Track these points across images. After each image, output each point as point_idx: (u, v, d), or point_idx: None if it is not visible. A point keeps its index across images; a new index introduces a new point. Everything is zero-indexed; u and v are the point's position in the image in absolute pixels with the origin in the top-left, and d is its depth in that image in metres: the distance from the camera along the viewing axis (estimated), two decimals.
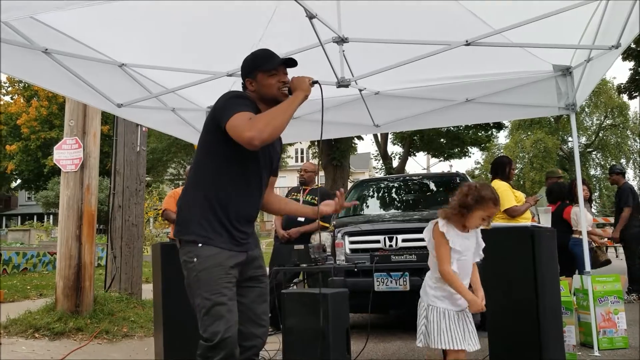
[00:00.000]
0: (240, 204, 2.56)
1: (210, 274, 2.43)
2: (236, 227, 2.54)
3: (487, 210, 2.75)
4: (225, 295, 2.41)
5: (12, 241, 24.07)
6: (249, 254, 2.61)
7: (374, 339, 5.36)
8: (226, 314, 2.39)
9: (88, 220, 5.80)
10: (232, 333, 2.38)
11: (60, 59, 3.87)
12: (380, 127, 5.69)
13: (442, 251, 2.74)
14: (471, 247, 2.83)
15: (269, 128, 2.34)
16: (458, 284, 2.71)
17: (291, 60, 2.71)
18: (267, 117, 2.40)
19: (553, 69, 4.76)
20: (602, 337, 4.72)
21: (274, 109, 2.46)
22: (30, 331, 5.12)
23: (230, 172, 2.54)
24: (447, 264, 2.72)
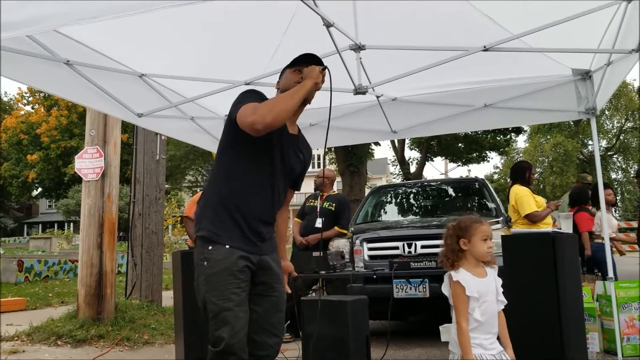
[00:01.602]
0: (253, 200, 2.53)
1: (219, 278, 2.41)
2: (250, 225, 2.51)
3: (479, 230, 2.65)
4: (232, 300, 2.39)
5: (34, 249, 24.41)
6: (263, 258, 2.56)
7: (393, 346, 5.33)
8: (232, 319, 2.37)
9: (109, 229, 5.87)
10: (237, 339, 2.36)
11: (82, 70, 3.93)
12: (397, 133, 5.67)
13: (457, 302, 2.63)
14: (492, 291, 2.68)
15: (272, 113, 2.33)
16: (465, 341, 2.57)
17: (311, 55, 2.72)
18: (271, 103, 2.40)
19: (572, 73, 4.72)
20: (626, 343, 4.65)
21: (280, 95, 2.49)
22: (52, 338, 5.18)
23: (244, 167, 2.54)
24: (462, 317, 2.60)
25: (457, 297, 2.63)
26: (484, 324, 2.63)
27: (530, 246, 3.69)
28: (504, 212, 6.23)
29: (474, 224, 2.69)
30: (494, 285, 2.70)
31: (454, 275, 2.65)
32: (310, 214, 6.32)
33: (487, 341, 2.63)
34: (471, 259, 2.68)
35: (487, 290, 2.66)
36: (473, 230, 2.67)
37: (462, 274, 2.65)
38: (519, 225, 5.41)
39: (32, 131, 36.68)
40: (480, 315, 2.61)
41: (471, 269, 2.67)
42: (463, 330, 2.58)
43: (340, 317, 3.44)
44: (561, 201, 6.51)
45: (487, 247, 2.65)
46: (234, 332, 2.36)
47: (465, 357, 2.56)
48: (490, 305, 2.66)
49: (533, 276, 3.58)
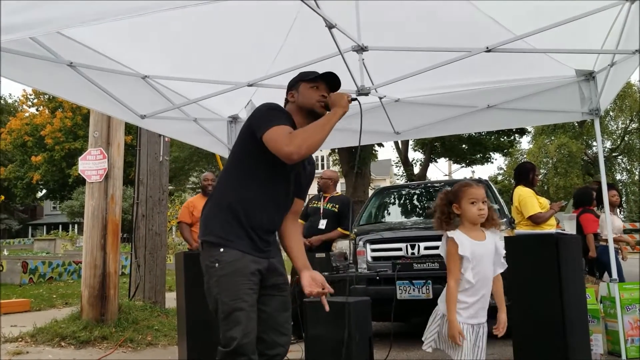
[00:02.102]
0: (264, 214, 2.58)
1: (231, 279, 2.45)
2: (258, 235, 2.55)
3: (469, 193, 2.70)
4: (245, 301, 2.42)
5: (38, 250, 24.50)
6: (271, 261, 2.62)
7: (396, 348, 5.32)
8: (244, 320, 2.40)
9: (112, 230, 5.88)
10: (249, 339, 2.39)
11: (85, 72, 3.95)
12: (400, 134, 5.67)
13: (450, 261, 2.69)
14: (488, 254, 2.72)
15: (307, 143, 2.38)
16: (450, 301, 2.64)
17: (333, 75, 2.72)
18: (306, 133, 2.43)
19: (576, 74, 4.71)
20: (630, 345, 4.63)
21: (313, 125, 2.48)
22: (56, 340, 5.19)
23: (258, 182, 2.57)
24: (452, 277, 2.66)
25: (450, 256, 2.69)
26: (475, 286, 2.66)
27: (534, 247, 3.68)
28: (508, 213, 6.22)
29: (462, 187, 2.75)
30: (493, 249, 2.73)
31: (450, 233, 2.71)
32: (313, 216, 6.31)
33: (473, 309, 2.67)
34: (466, 222, 2.73)
35: (483, 253, 2.69)
36: (461, 194, 2.73)
37: (457, 234, 2.70)
38: (522, 227, 5.39)
39: (36, 133, 36.79)
40: (472, 277, 2.65)
41: (468, 232, 2.71)
42: (451, 289, 2.65)
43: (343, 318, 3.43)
44: (565, 202, 6.49)
45: (478, 209, 2.68)
46: (246, 332, 2.39)
47: (449, 316, 2.63)
48: (484, 269, 2.69)
49: (536, 277, 3.57)
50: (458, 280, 2.66)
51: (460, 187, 2.76)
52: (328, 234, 6.06)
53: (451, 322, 2.63)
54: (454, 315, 2.63)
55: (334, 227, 6.13)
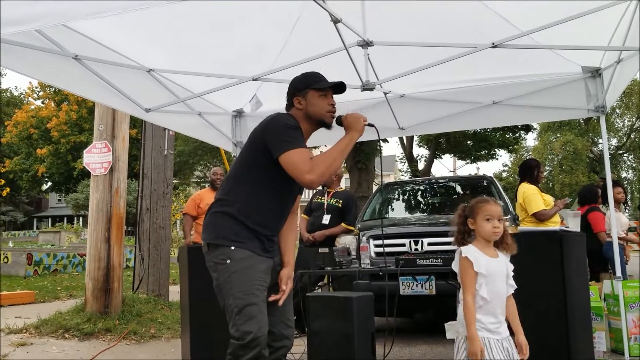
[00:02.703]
0: (271, 222, 2.67)
1: (243, 275, 2.50)
2: (266, 236, 2.64)
3: (485, 210, 2.67)
4: (257, 296, 2.48)
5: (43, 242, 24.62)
6: (275, 260, 2.71)
7: (399, 343, 5.33)
8: (258, 314, 2.45)
9: (117, 223, 5.90)
10: (263, 333, 2.44)
11: (90, 65, 3.95)
12: (405, 129, 5.65)
13: (464, 277, 2.64)
14: (501, 272, 2.68)
15: (328, 171, 2.48)
16: (470, 317, 2.57)
17: (342, 84, 2.75)
18: (328, 161, 2.49)
19: (582, 70, 4.68)
20: (633, 343, 4.63)
21: (332, 151, 2.53)
22: (60, 331, 5.22)
23: (267, 194, 2.62)
24: (469, 293, 2.61)
25: (465, 272, 2.64)
26: (490, 303, 2.62)
27: (538, 244, 3.67)
28: (512, 210, 6.21)
29: (478, 204, 2.72)
30: (505, 269, 2.69)
31: (464, 251, 2.67)
32: (317, 211, 6.32)
33: (493, 325, 2.62)
34: (480, 238, 2.69)
35: (496, 270, 2.65)
36: (477, 210, 2.69)
37: (471, 250, 2.66)
38: (526, 224, 5.38)
39: (42, 126, 36.87)
40: (486, 294, 2.61)
41: (481, 248, 2.68)
42: (469, 305, 2.58)
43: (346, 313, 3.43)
44: (569, 199, 6.47)
45: (492, 226, 2.64)
46: (261, 326, 2.44)
47: (470, 332, 2.55)
48: (498, 287, 2.65)
49: (540, 274, 3.56)
50: (474, 296, 2.60)
51: (477, 202, 2.72)
52: (331, 229, 6.06)
53: (472, 338, 2.54)
54: (474, 330, 2.55)
55: (337, 222, 6.13)
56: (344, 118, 2.65)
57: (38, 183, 42.52)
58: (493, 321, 2.63)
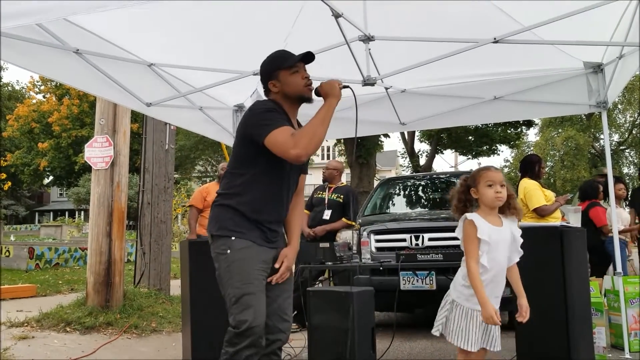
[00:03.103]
0: (271, 209, 2.65)
1: (242, 265, 2.53)
2: (268, 227, 2.64)
3: (486, 176, 2.67)
4: (256, 286, 2.51)
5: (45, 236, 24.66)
6: (279, 250, 2.69)
7: (399, 338, 5.35)
8: (255, 303, 2.48)
9: (118, 217, 5.90)
10: (259, 323, 2.47)
11: (91, 59, 3.95)
12: (406, 125, 5.66)
13: (468, 243, 2.64)
14: (504, 240, 2.67)
15: (313, 142, 2.45)
16: (477, 283, 2.56)
17: (309, 54, 2.72)
18: (310, 132, 2.47)
19: (584, 66, 4.68)
20: (633, 339, 4.63)
21: (313, 122, 2.51)
22: (62, 325, 5.23)
23: (263, 181, 2.63)
24: (472, 258, 2.59)
25: (468, 238, 2.63)
26: (490, 271, 2.62)
27: (538, 240, 3.67)
28: None
29: (480, 171, 2.73)
30: (509, 236, 2.69)
31: (469, 216, 2.66)
32: (318, 206, 6.32)
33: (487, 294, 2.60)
34: (484, 207, 2.69)
35: (499, 239, 2.64)
36: (479, 178, 2.70)
37: (475, 216, 2.66)
38: (527, 219, 5.37)
39: (43, 120, 36.88)
40: (487, 262, 2.61)
41: (485, 216, 2.67)
42: (472, 270, 2.57)
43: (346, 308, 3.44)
44: (570, 195, 6.47)
45: (495, 191, 2.64)
46: (257, 315, 2.47)
47: (480, 297, 2.53)
48: (499, 255, 2.65)
49: (540, 269, 3.56)
50: (478, 261, 2.59)
51: (478, 170, 2.75)
52: (332, 224, 6.07)
53: (483, 303, 2.52)
54: (483, 295, 2.53)
55: (338, 217, 6.14)
56: (320, 87, 2.64)
57: (39, 177, 42.58)
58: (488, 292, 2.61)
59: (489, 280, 2.64)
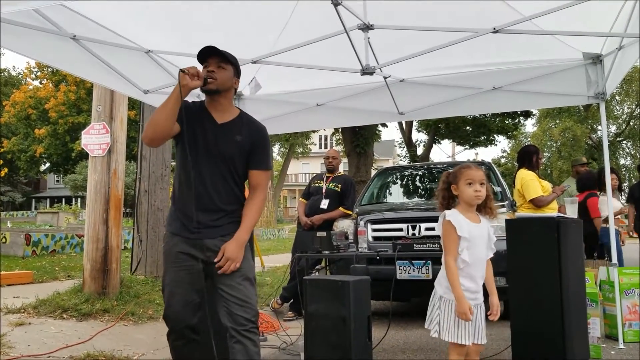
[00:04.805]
0: (185, 196, 2.74)
1: (164, 257, 2.84)
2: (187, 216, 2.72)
3: (466, 174, 2.74)
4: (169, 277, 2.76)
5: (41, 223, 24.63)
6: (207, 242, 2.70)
7: (395, 327, 5.38)
8: (167, 294, 2.77)
9: (115, 204, 5.90)
10: (170, 312, 2.76)
11: (88, 46, 3.92)
12: (404, 114, 5.64)
13: (447, 241, 2.72)
14: (482, 236, 2.76)
15: (148, 127, 2.63)
16: (454, 278, 2.66)
17: (208, 49, 2.82)
18: (150, 118, 2.65)
19: (583, 57, 4.66)
20: (627, 329, 4.67)
21: (158, 108, 2.69)
22: (58, 312, 5.24)
23: (179, 170, 2.78)
24: (450, 254, 2.69)
25: (448, 236, 2.72)
26: (471, 266, 2.70)
27: (534, 230, 3.68)
28: (510, 196, 6.22)
29: (460, 169, 2.79)
30: (487, 233, 2.77)
31: (447, 215, 2.75)
32: (315, 195, 6.33)
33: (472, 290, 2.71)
34: (463, 204, 2.77)
35: (478, 235, 2.73)
36: (459, 175, 2.78)
37: (454, 214, 2.74)
38: (524, 210, 5.40)
39: (40, 106, 36.76)
40: (468, 257, 2.69)
41: (464, 212, 2.76)
42: (451, 268, 2.67)
43: (343, 297, 3.45)
44: (567, 186, 6.49)
45: (474, 190, 2.71)
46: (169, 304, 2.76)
47: (456, 293, 2.64)
48: (479, 250, 2.73)
49: (536, 260, 3.57)
50: (456, 259, 2.69)
51: (459, 168, 2.81)
52: (330, 213, 6.08)
53: (459, 298, 2.63)
54: (459, 291, 2.63)
55: (336, 206, 6.14)
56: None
57: (36, 164, 42.51)
58: (472, 286, 2.71)
59: (471, 274, 2.69)
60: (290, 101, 5.59)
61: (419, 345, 4.72)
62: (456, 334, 2.68)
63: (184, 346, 2.84)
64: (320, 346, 3.47)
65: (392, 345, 4.70)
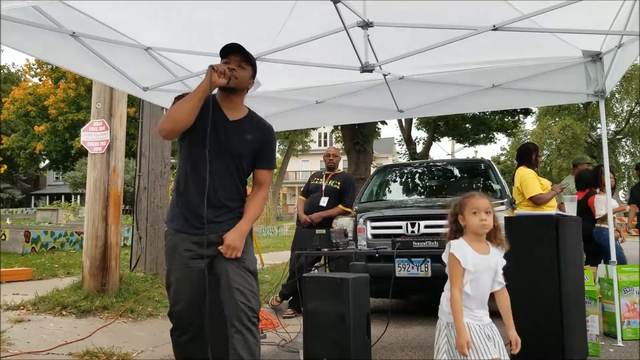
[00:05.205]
0: (192, 193, 2.74)
1: (167, 255, 2.85)
2: (193, 213, 2.72)
3: (470, 204, 2.68)
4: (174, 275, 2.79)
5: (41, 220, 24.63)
6: (212, 237, 2.71)
7: (394, 324, 5.38)
8: (172, 292, 2.81)
9: (114, 202, 5.89)
10: (178, 307, 2.80)
11: (88, 43, 3.92)
12: (404, 112, 5.65)
13: (451, 272, 2.67)
14: (489, 268, 2.69)
15: (167, 119, 2.63)
16: (457, 310, 2.59)
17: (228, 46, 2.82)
18: (169, 111, 2.64)
19: (582, 54, 4.66)
20: (626, 327, 4.67)
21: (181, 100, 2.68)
22: (58, 308, 5.23)
23: (185, 160, 2.78)
24: (455, 287, 2.62)
25: (452, 267, 2.67)
26: (473, 299, 2.65)
27: (533, 228, 3.69)
28: (509, 194, 6.22)
29: (465, 199, 2.74)
30: (494, 265, 2.71)
31: (452, 246, 2.69)
32: (315, 192, 6.33)
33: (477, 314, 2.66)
34: (470, 233, 2.71)
35: (484, 267, 2.67)
36: (464, 205, 2.72)
37: (460, 245, 2.68)
38: (523, 207, 5.40)
39: (39, 103, 36.70)
40: (470, 290, 2.64)
41: (471, 242, 2.70)
42: (455, 298, 2.62)
43: (342, 294, 3.46)
44: (566, 184, 6.49)
45: (479, 219, 2.65)
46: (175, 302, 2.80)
47: (457, 325, 2.58)
48: (483, 283, 2.68)
49: (535, 257, 3.59)
50: (461, 290, 2.62)
51: (463, 198, 2.75)
52: (329, 211, 6.08)
53: (459, 329, 2.55)
54: (461, 323, 2.57)
55: (335, 204, 6.14)
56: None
57: (36, 161, 42.48)
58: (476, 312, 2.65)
59: (474, 306, 2.66)
60: (289, 98, 5.59)
61: (418, 342, 4.72)
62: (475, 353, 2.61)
63: (189, 342, 2.85)
64: (319, 343, 3.48)
65: (391, 343, 4.71)
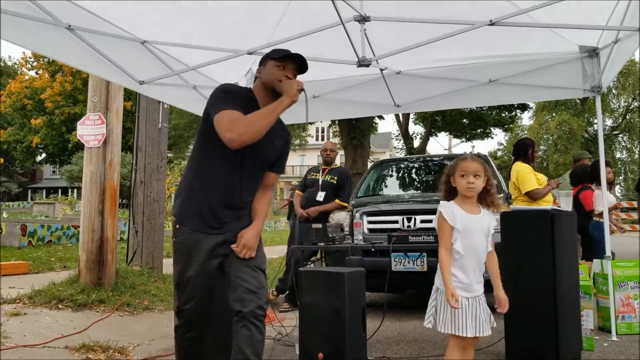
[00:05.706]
0: (217, 192, 2.69)
1: (180, 254, 2.74)
2: (213, 213, 2.68)
3: (460, 166, 2.76)
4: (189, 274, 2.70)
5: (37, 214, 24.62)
6: (227, 235, 2.70)
7: (389, 318, 5.40)
8: (186, 290, 2.73)
9: (110, 195, 5.89)
10: (190, 305, 2.73)
11: (84, 36, 3.90)
12: (401, 107, 5.64)
13: (439, 231, 2.76)
14: (480, 228, 2.74)
15: (248, 132, 2.47)
16: (442, 266, 2.68)
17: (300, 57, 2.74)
18: (248, 121, 2.50)
19: (579, 50, 4.67)
20: (620, 322, 4.70)
21: (257, 113, 2.56)
22: (54, 302, 5.23)
23: (214, 159, 2.69)
24: (442, 246, 2.72)
25: (439, 226, 2.76)
26: (465, 257, 2.71)
27: (529, 223, 3.70)
28: (505, 188, 6.23)
29: (456, 161, 2.83)
30: (486, 226, 2.77)
31: (441, 205, 2.79)
32: (311, 187, 6.33)
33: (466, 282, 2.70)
34: (461, 195, 2.79)
35: (474, 226, 2.74)
36: (455, 167, 2.81)
37: (449, 205, 2.78)
38: (519, 202, 5.41)
39: (36, 96, 36.57)
40: (461, 248, 2.70)
41: (461, 204, 2.78)
42: (442, 257, 2.70)
43: (338, 289, 3.46)
44: (562, 179, 6.50)
45: (467, 182, 2.73)
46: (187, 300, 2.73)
47: (444, 280, 2.67)
48: (474, 242, 2.73)
49: (530, 252, 3.60)
50: (449, 249, 2.71)
51: (456, 160, 2.84)
52: (325, 205, 6.09)
53: (446, 285, 2.64)
54: (447, 278, 2.65)
55: (331, 198, 6.15)
56: (282, 83, 2.65)
57: (32, 154, 42.36)
58: (463, 278, 2.71)
59: (465, 266, 2.70)
60: None
61: (414, 336, 4.74)
62: (453, 325, 2.67)
63: (194, 339, 2.82)
64: (315, 337, 3.49)
65: (387, 337, 4.72)
